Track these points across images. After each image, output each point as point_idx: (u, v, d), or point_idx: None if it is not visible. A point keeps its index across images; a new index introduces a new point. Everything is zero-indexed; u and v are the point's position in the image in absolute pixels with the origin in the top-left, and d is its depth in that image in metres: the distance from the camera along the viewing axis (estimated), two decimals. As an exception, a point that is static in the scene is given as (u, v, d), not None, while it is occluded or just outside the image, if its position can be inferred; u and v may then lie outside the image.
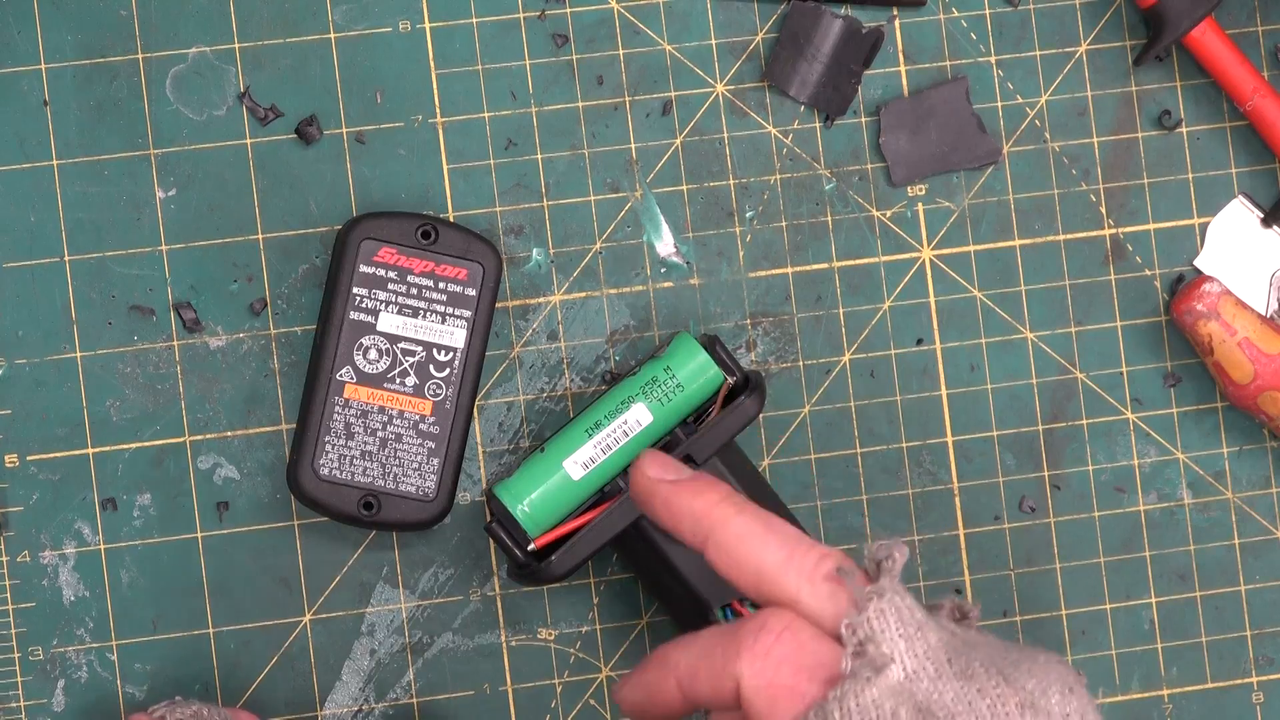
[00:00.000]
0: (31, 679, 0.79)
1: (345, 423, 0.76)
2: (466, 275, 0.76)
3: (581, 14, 0.80)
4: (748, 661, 0.60)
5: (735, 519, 0.62)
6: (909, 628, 0.60)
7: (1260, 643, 0.82)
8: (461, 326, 0.76)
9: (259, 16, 0.79)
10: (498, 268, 0.77)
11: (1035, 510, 0.82)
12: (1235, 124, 0.82)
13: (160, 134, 0.79)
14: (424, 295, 0.76)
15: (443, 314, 0.76)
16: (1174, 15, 0.79)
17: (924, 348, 0.82)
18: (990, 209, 0.82)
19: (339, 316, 0.76)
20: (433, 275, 0.76)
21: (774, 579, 0.61)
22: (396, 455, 0.76)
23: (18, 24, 0.79)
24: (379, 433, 0.76)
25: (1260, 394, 0.80)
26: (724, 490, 0.63)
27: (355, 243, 0.76)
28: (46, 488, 0.79)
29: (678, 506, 0.63)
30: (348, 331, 0.76)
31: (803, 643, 0.60)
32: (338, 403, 0.76)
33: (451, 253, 0.76)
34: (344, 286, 0.76)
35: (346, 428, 0.76)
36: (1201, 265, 0.82)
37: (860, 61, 0.80)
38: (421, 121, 0.80)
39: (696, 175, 0.81)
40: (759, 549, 0.61)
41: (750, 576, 0.61)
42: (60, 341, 0.79)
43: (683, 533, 0.63)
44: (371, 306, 0.76)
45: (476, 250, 0.76)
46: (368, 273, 0.76)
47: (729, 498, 0.63)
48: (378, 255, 0.76)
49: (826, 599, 0.61)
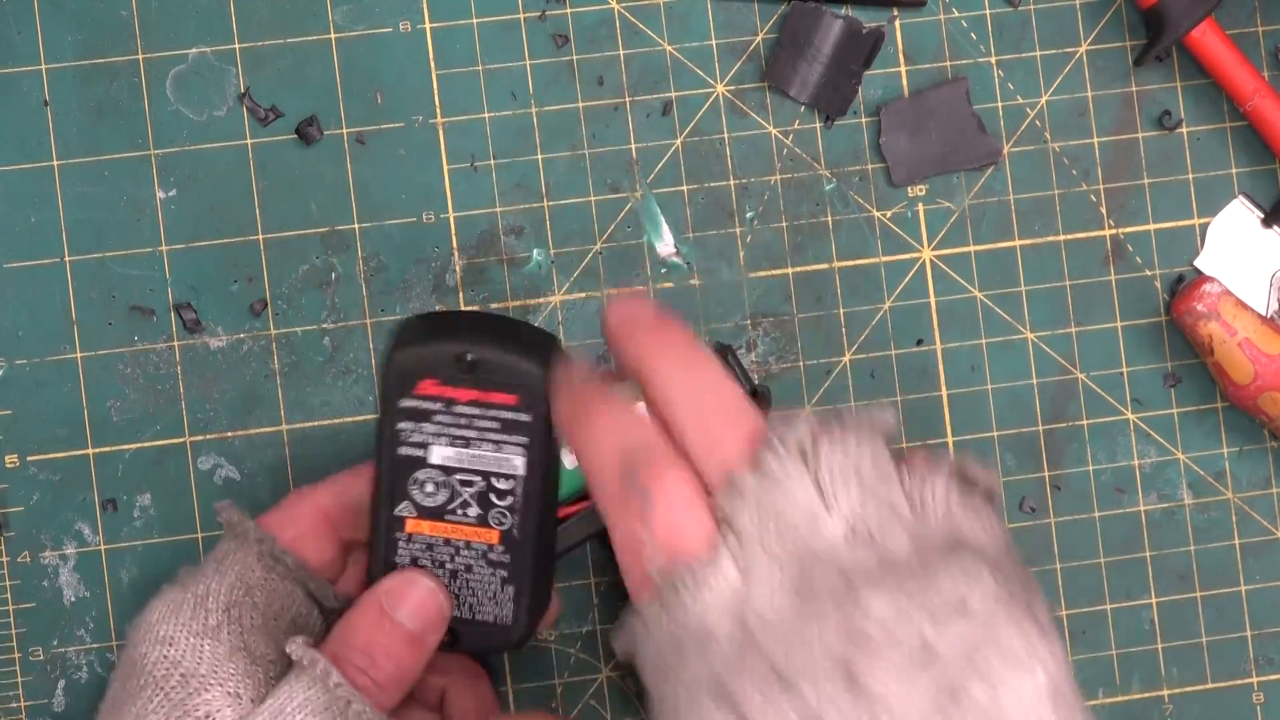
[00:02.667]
0: (32, 679, 0.79)
1: (412, 557, 0.71)
2: (517, 400, 0.69)
3: (581, 14, 0.80)
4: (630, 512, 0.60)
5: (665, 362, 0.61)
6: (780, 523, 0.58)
7: (1260, 643, 0.83)
8: (519, 454, 0.70)
9: (259, 16, 0.79)
10: (548, 387, 0.69)
11: (1035, 510, 0.82)
12: (1235, 124, 0.82)
13: (160, 134, 0.79)
14: (474, 425, 0.70)
15: (497, 441, 0.70)
16: (1174, 15, 0.79)
17: (924, 348, 0.82)
18: (990, 209, 0.82)
19: (389, 453, 0.70)
20: (480, 404, 0.70)
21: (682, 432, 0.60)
22: (469, 585, 0.71)
23: (18, 24, 0.79)
24: (447, 564, 0.71)
25: (1260, 394, 0.80)
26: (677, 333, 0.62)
27: (394, 376, 0.69)
28: (47, 488, 0.79)
29: (623, 344, 0.63)
30: (400, 467, 0.70)
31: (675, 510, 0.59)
32: (401, 538, 0.71)
33: (496, 380, 0.69)
34: (389, 421, 0.70)
35: (414, 561, 0.71)
36: (1202, 265, 0.82)
37: (860, 62, 0.80)
38: (421, 122, 0.80)
39: (697, 176, 0.81)
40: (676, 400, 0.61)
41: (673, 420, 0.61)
42: (60, 342, 0.79)
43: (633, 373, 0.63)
44: (420, 440, 0.70)
45: (520, 374, 0.69)
46: (411, 406, 0.70)
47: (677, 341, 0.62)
48: (419, 388, 0.70)
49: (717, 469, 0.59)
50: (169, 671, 0.67)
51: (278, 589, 0.70)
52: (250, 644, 0.68)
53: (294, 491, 0.73)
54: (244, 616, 0.69)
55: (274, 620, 0.70)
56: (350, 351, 0.80)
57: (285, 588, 0.71)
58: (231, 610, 0.69)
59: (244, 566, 0.70)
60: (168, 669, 0.67)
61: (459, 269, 0.80)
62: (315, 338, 0.80)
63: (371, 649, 0.68)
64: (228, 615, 0.69)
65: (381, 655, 0.68)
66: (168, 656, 0.67)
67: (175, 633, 0.68)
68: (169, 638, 0.68)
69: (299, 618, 0.71)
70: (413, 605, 0.69)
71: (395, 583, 0.70)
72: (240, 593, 0.69)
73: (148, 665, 0.67)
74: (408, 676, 0.69)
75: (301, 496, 0.72)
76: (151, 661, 0.67)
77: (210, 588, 0.69)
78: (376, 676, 0.68)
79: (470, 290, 0.80)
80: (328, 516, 0.72)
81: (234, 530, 0.71)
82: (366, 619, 0.69)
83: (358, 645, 0.68)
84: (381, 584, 0.70)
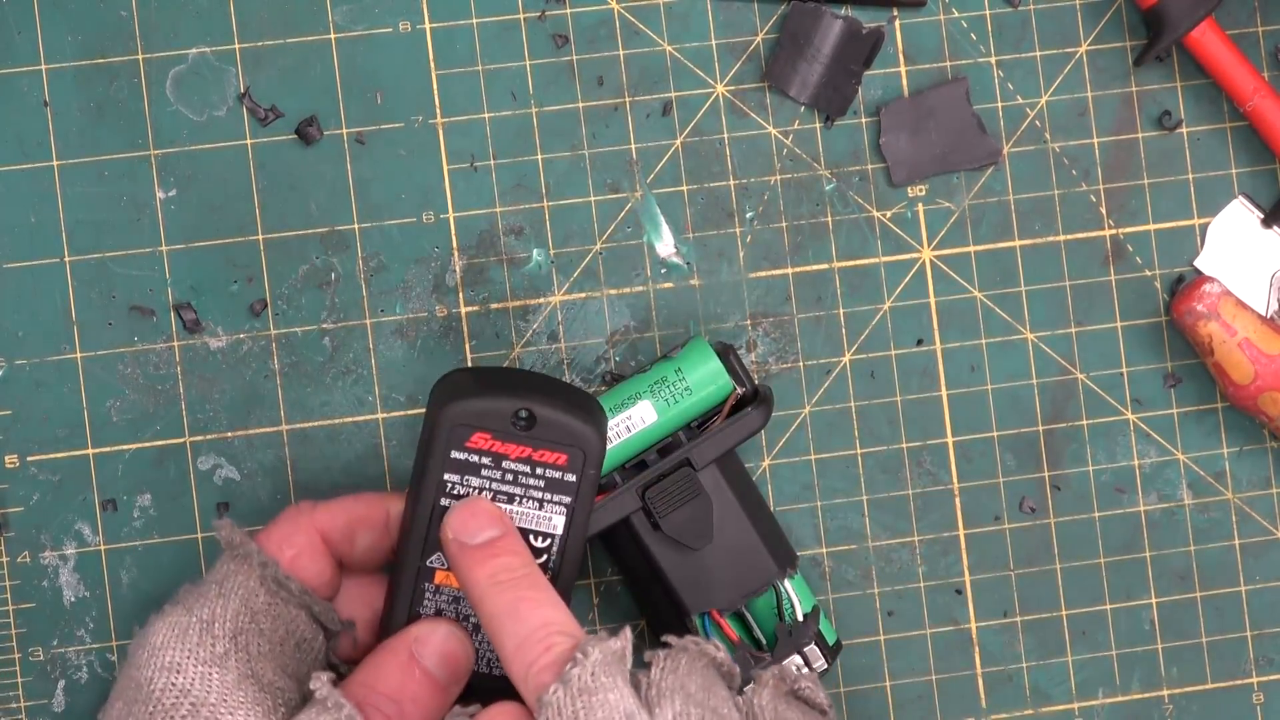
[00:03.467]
0: (32, 679, 0.79)
1: (436, 608, 0.71)
2: (566, 460, 0.69)
3: (581, 14, 0.80)
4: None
5: (489, 600, 0.66)
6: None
7: (1260, 643, 0.83)
8: (560, 513, 0.70)
9: (259, 17, 0.79)
10: (600, 451, 0.70)
11: (1035, 511, 0.82)
12: (1235, 124, 0.82)
13: (160, 134, 0.79)
14: (520, 482, 0.69)
15: (540, 500, 0.70)
16: (1174, 15, 0.79)
17: (924, 348, 0.82)
18: (990, 209, 0.82)
19: (429, 503, 0.69)
20: (530, 461, 0.69)
21: (507, 666, 0.65)
22: (488, 640, 0.70)
23: (18, 24, 0.79)
24: (471, 618, 0.71)
25: (1260, 394, 0.80)
26: (500, 564, 0.67)
27: (446, 427, 0.69)
28: (47, 488, 0.79)
29: (460, 573, 0.68)
30: (439, 518, 0.69)
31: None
32: (428, 589, 0.70)
33: (550, 439, 0.69)
34: (435, 472, 0.69)
35: (438, 613, 0.71)
36: (1201, 266, 0.82)
37: (860, 62, 0.80)
38: (421, 122, 0.80)
39: (697, 176, 0.81)
40: (499, 634, 0.65)
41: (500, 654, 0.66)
42: (60, 342, 0.79)
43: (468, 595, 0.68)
44: (464, 493, 0.69)
45: (577, 434, 0.69)
46: (460, 459, 0.69)
47: (500, 573, 0.67)
48: (470, 441, 0.69)
49: (533, 694, 0.64)
50: (178, 700, 0.67)
51: (282, 614, 0.70)
52: (258, 671, 0.68)
53: (291, 507, 0.73)
54: (250, 644, 0.69)
55: (279, 646, 0.70)
56: (350, 351, 0.80)
57: (290, 613, 0.70)
58: (239, 638, 0.69)
59: (248, 591, 0.70)
60: (177, 697, 0.67)
61: (459, 269, 0.80)
62: (315, 338, 0.80)
63: (400, 697, 0.68)
64: (234, 643, 0.69)
65: (410, 703, 0.68)
66: (176, 684, 0.67)
67: (182, 660, 0.68)
68: (176, 665, 0.68)
69: (303, 642, 0.71)
70: (443, 655, 0.69)
71: (425, 630, 0.69)
72: (245, 619, 0.69)
73: (155, 692, 0.67)
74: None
75: (299, 513, 0.72)
76: (159, 689, 0.67)
77: (215, 612, 0.69)
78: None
79: (470, 290, 0.80)
80: (325, 537, 0.72)
81: (235, 551, 0.71)
82: (395, 663, 0.68)
83: (387, 692, 0.68)
84: (411, 630, 0.69)
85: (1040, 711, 0.82)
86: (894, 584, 0.81)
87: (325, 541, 0.72)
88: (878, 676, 0.81)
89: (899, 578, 0.81)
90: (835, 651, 0.78)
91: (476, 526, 0.68)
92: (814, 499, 0.81)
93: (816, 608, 0.77)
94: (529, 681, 0.64)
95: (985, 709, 0.82)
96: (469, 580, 0.67)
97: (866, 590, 0.81)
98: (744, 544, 0.76)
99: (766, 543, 0.76)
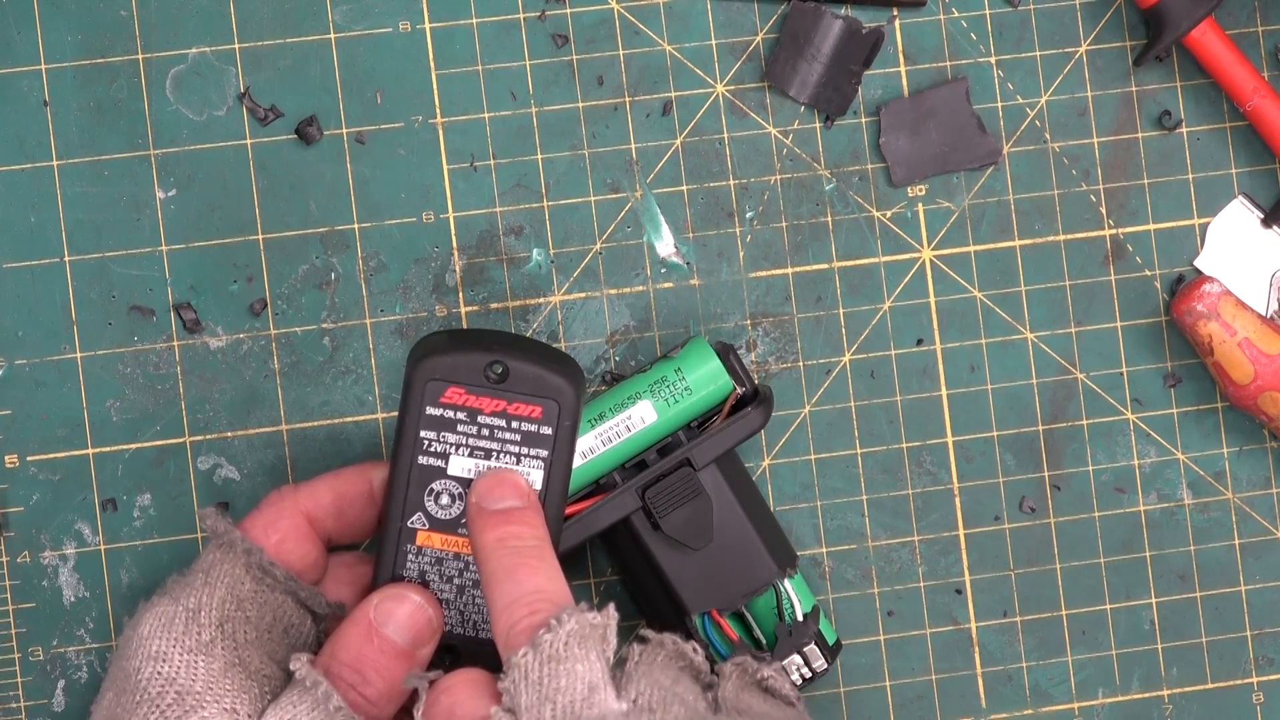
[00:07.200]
0: (31, 679, 0.79)
1: (420, 570, 0.71)
2: (541, 413, 0.69)
3: (581, 14, 0.80)
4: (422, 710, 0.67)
5: (492, 561, 0.67)
6: (559, 698, 0.64)
7: (1260, 643, 0.83)
8: (538, 467, 0.70)
9: (259, 16, 0.79)
10: (575, 403, 0.70)
11: (1035, 510, 0.82)
12: (1235, 124, 0.82)
13: (160, 134, 0.79)
14: (496, 436, 0.70)
15: (517, 454, 0.70)
16: (1174, 15, 0.79)
17: (924, 348, 0.82)
18: (990, 209, 0.82)
19: (407, 462, 0.70)
20: (505, 414, 0.70)
21: (494, 627, 0.66)
22: (475, 603, 0.71)
23: (18, 24, 0.79)
24: (455, 580, 0.71)
25: (1260, 394, 0.80)
26: (510, 531, 0.68)
27: (420, 384, 0.69)
28: (46, 488, 0.79)
29: (473, 536, 0.69)
30: (417, 477, 0.70)
31: (459, 702, 0.65)
32: (410, 550, 0.71)
33: (524, 390, 0.69)
34: (411, 430, 0.70)
35: (421, 576, 0.71)
36: (1201, 265, 0.82)
37: (860, 62, 0.80)
38: (421, 122, 0.80)
39: (696, 176, 0.81)
40: (493, 594, 0.66)
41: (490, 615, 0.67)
42: (60, 342, 0.79)
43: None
44: (441, 450, 0.70)
45: (550, 386, 0.69)
46: (435, 415, 0.70)
47: (509, 539, 0.68)
48: (445, 396, 0.69)
49: (506, 655, 0.65)
50: (164, 689, 0.67)
51: (269, 601, 0.70)
52: (244, 659, 0.69)
53: (274, 492, 0.73)
54: (237, 631, 0.69)
55: (267, 633, 0.70)
56: (350, 351, 0.80)
57: (276, 599, 0.71)
58: (225, 626, 0.69)
59: (234, 579, 0.70)
60: (162, 686, 0.67)
61: (459, 269, 0.80)
62: (315, 338, 0.80)
63: (361, 665, 0.68)
64: (221, 631, 0.69)
65: (371, 671, 0.68)
66: (161, 673, 0.68)
67: (168, 649, 0.68)
68: (162, 654, 0.68)
69: (291, 628, 0.71)
70: (402, 619, 0.69)
71: (384, 597, 0.70)
72: (232, 607, 0.70)
73: (141, 681, 0.68)
74: (400, 691, 0.69)
75: (282, 498, 0.72)
76: (145, 678, 0.68)
77: (201, 601, 0.69)
78: (367, 693, 0.68)
79: (470, 290, 0.80)
80: (310, 518, 0.72)
81: (219, 539, 0.71)
82: (356, 632, 0.69)
83: (347, 660, 0.68)
84: (371, 599, 0.70)
85: (1040, 711, 0.82)
86: (894, 584, 0.81)
87: (310, 523, 0.72)
88: (878, 676, 0.81)
89: (899, 578, 0.81)
90: (835, 651, 0.78)
91: (500, 494, 0.69)
92: (814, 499, 0.81)
93: (816, 608, 0.77)
94: (506, 642, 0.65)
95: (985, 709, 0.82)
96: (478, 542, 0.68)
97: (866, 590, 0.81)
98: (744, 544, 0.76)
99: (766, 543, 0.76)
